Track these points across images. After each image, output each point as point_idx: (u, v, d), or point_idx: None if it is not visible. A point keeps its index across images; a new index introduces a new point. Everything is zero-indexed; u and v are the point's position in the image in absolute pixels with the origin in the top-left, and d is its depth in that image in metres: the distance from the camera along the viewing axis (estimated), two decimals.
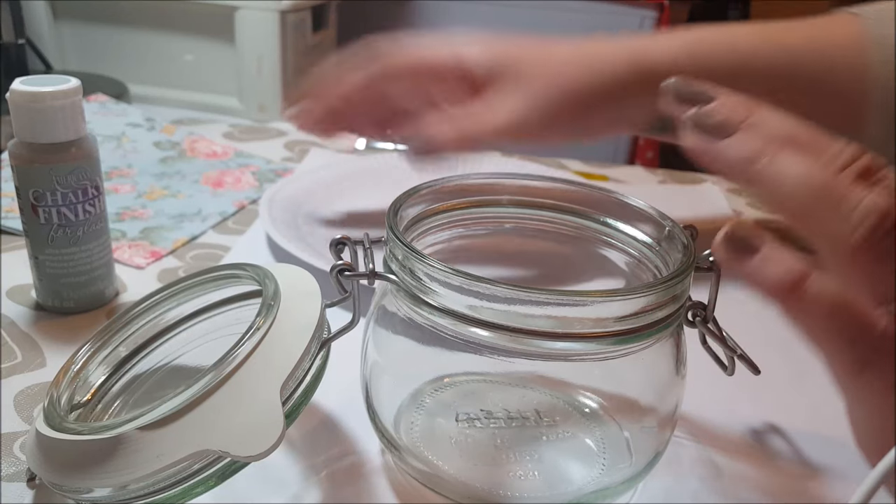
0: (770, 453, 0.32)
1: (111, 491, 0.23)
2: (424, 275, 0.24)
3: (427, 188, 0.29)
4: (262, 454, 0.22)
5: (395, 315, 0.27)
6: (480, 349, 0.24)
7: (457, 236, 0.31)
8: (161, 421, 0.22)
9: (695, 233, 0.28)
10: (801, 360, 0.40)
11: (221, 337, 0.29)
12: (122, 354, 0.30)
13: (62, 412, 0.25)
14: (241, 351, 0.23)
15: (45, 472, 0.24)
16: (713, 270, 0.26)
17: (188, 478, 0.23)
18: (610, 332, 0.23)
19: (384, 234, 0.26)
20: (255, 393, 0.23)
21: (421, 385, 0.31)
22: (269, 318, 0.24)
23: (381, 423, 0.28)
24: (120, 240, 0.47)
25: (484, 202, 0.31)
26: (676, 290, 0.24)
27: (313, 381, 0.25)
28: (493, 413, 0.30)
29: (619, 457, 0.29)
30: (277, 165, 0.63)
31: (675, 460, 0.31)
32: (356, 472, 0.29)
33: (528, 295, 0.22)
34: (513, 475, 0.28)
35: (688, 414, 0.34)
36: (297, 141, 0.71)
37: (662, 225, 0.28)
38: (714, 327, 0.26)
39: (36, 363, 0.34)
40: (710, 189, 0.65)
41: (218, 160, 0.62)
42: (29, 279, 0.39)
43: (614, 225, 0.30)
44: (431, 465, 0.28)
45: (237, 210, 0.53)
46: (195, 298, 0.30)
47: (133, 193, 0.54)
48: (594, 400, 0.31)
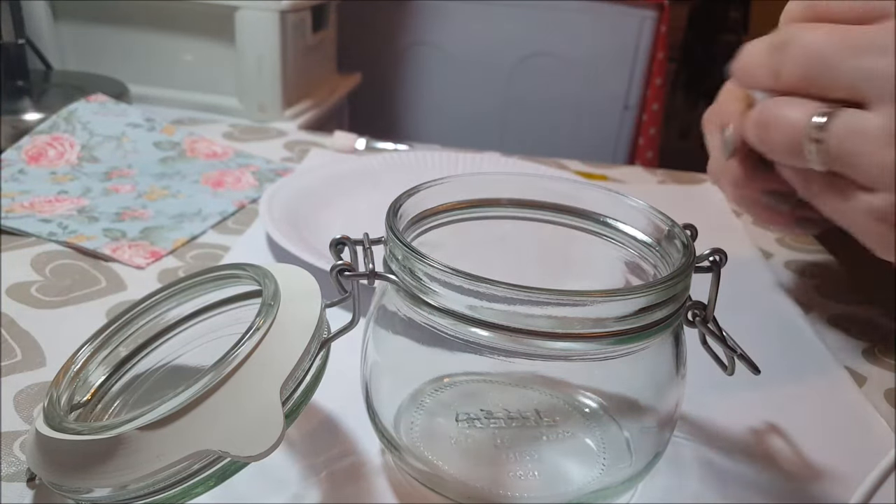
0: (770, 453, 0.32)
1: (111, 491, 0.23)
2: (424, 275, 0.24)
3: (427, 188, 0.29)
4: (262, 454, 0.22)
5: (395, 315, 0.27)
6: (480, 349, 0.24)
7: (457, 236, 0.31)
8: (161, 421, 0.22)
9: (695, 233, 0.28)
10: (801, 361, 0.40)
11: (221, 337, 0.29)
12: (122, 354, 0.30)
13: (62, 412, 0.25)
14: (241, 351, 0.23)
15: (45, 472, 0.24)
16: (713, 270, 0.26)
17: (188, 478, 0.23)
18: (610, 332, 0.23)
19: (384, 234, 0.26)
20: (255, 393, 0.23)
21: (421, 385, 0.31)
22: (269, 318, 0.24)
23: (381, 423, 0.28)
24: (120, 240, 0.47)
25: (484, 202, 0.31)
26: (676, 290, 0.24)
27: (313, 381, 0.25)
28: (493, 413, 0.30)
29: (619, 457, 0.29)
30: (277, 165, 0.63)
31: (675, 460, 0.31)
32: (356, 472, 0.29)
33: (528, 295, 0.22)
34: (513, 475, 0.28)
35: (688, 414, 0.34)
36: (297, 141, 0.71)
37: (662, 225, 0.28)
38: (714, 327, 0.26)
39: (36, 362, 0.34)
40: (710, 189, 0.65)
41: (218, 160, 0.62)
42: (29, 278, 0.39)
43: (614, 225, 0.30)
44: (431, 465, 0.28)
45: (237, 210, 0.54)
46: (195, 298, 0.30)
47: (133, 193, 0.54)
48: (594, 400, 0.31)
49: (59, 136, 0.59)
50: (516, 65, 1.28)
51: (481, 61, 1.29)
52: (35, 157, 0.57)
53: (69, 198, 0.52)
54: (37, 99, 0.67)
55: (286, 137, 0.71)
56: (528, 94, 1.30)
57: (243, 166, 0.61)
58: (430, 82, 1.34)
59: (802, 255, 0.54)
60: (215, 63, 0.79)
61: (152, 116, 0.65)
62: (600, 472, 0.28)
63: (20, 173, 0.55)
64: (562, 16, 1.23)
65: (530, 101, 1.31)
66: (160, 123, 0.64)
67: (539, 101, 1.30)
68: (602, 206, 0.30)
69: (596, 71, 1.25)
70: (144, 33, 0.79)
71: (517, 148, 0.86)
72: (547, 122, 1.31)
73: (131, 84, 0.74)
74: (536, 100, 1.30)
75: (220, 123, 0.73)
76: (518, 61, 1.28)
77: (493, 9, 1.25)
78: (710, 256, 0.26)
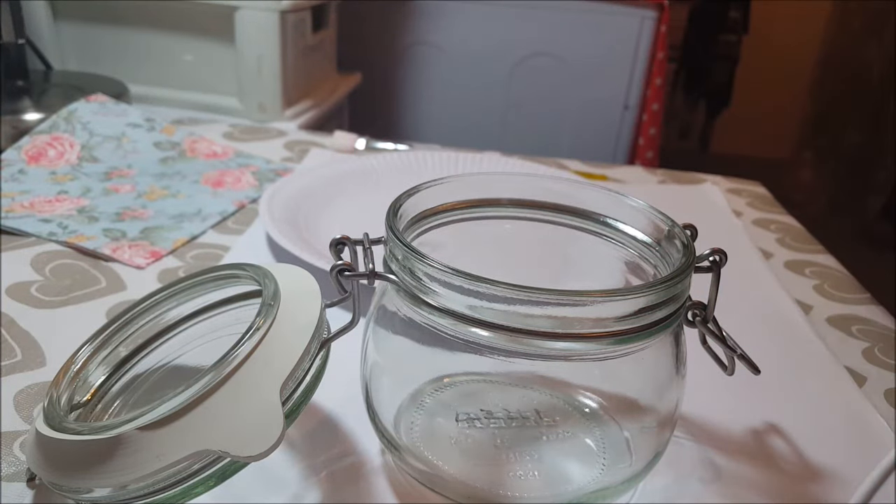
0: (770, 453, 0.32)
1: (111, 491, 0.23)
2: (424, 275, 0.24)
3: (427, 188, 0.29)
4: (262, 454, 0.22)
5: (395, 315, 0.27)
6: (480, 349, 0.24)
7: (457, 236, 0.31)
8: (161, 421, 0.22)
9: (695, 233, 0.28)
10: (801, 361, 0.40)
11: (221, 337, 0.29)
12: (122, 354, 0.30)
13: (62, 412, 0.25)
14: (241, 351, 0.23)
15: (45, 472, 0.24)
16: (713, 270, 0.26)
17: (188, 478, 0.23)
18: (610, 332, 0.23)
19: (384, 234, 0.26)
20: (255, 393, 0.23)
21: (421, 385, 0.31)
22: (269, 318, 0.24)
23: (381, 423, 0.28)
24: (120, 240, 0.47)
25: (484, 202, 0.31)
26: (676, 290, 0.24)
27: (313, 381, 0.25)
28: (493, 413, 0.30)
29: (619, 457, 0.29)
30: (277, 165, 0.63)
31: (675, 460, 0.31)
32: (356, 472, 0.29)
33: (528, 295, 0.22)
34: (513, 475, 0.28)
35: (688, 414, 0.34)
36: (297, 141, 0.71)
37: (662, 225, 0.28)
38: (714, 327, 0.26)
39: (36, 362, 0.34)
40: (709, 189, 0.65)
41: (218, 160, 0.62)
42: (29, 278, 0.39)
43: (614, 225, 0.30)
44: (431, 465, 0.28)
45: (237, 210, 0.54)
46: (195, 298, 0.30)
47: (133, 193, 0.54)
48: (594, 400, 0.31)
49: (59, 136, 0.59)
50: (516, 65, 1.28)
51: (481, 61, 1.29)
52: (35, 157, 0.57)
53: (69, 198, 0.52)
54: (37, 99, 0.67)
55: (286, 137, 0.71)
56: (528, 95, 1.30)
57: (243, 166, 0.61)
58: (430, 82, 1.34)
59: (802, 255, 0.54)
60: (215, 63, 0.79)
61: (152, 116, 0.65)
62: (600, 472, 0.28)
63: (20, 173, 0.55)
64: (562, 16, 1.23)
65: (530, 102, 1.31)
66: (160, 123, 0.64)
67: (539, 101, 1.30)
68: (602, 206, 0.30)
69: (596, 71, 1.25)
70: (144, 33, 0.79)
71: (517, 148, 0.86)
72: (547, 121, 1.31)
73: (131, 84, 0.74)
74: (536, 100, 1.30)
75: (220, 123, 0.73)
76: (518, 61, 1.28)
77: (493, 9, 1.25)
78: (710, 256, 0.26)
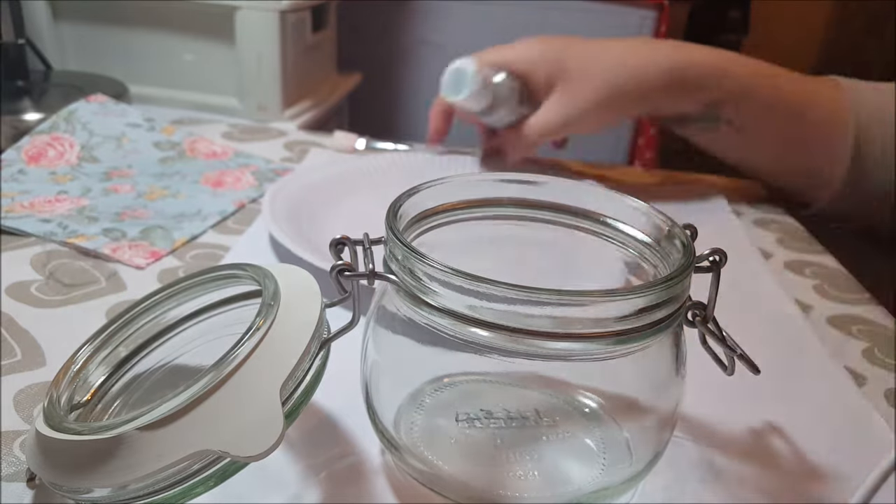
0: (770, 453, 0.32)
1: (111, 491, 0.23)
2: (424, 275, 0.24)
3: (427, 188, 0.29)
4: (262, 454, 0.22)
5: (394, 315, 0.27)
6: (480, 349, 0.24)
7: (457, 236, 0.31)
8: (161, 421, 0.22)
9: (694, 233, 0.28)
10: (801, 361, 0.40)
11: (221, 337, 0.29)
12: (122, 354, 0.30)
13: (62, 412, 0.25)
14: (241, 351, 0.23)
15: (45, 472, 0.24)
16: (713, 270, 0.26)
17: (188, 478, 0.23)
18: (610, 332, 0.23)
19: (384, 234, 0.26)
20: (255, 393, 0.23)
21: (421, 385, 0.31)
22: (269, 318, 0.24)
23: (381, 423, 0.28)
24: (120, 240, 0.47)
25: (484, 202, 0.31)
26: (676, 290, 0.24)
27: (313, 381, 0.25)
28: (493, 413, 0.30)
29: (619, 457, 0.29)
30: (277, 165, 0.63)
31: (675, 460, 0.31)
32: (356, 472, 0.29)
33: (528, 295, 0.22)
34: (513, 475, 0.28)
35: (688, 414, 0.34)
36: (296, 141, 0.71)
37: (662, 225, 0.28)
38: (714, 327, 0.26)
39: (36, 362, 0.34)
40: (710, 189, 0.65)
41: (218, 160, 0.62)
42: (29, 278, 0.39)
43: (614, 225, 0.30)
44: (431, 465, 0.28)
45: (237, 210, 0.54)
46: (195, 298, 0.30)
47: (133, 193, 0.54)
48: (594, 400, 0.31)
49: (58, 136, 0.59)
50: None
51: None
52: (35, 157, 0.57)
53: (69, 198, 0.52)
54: (37, 99, 0.67)
55: (286, 137, 0.71)
56: None
57: (243, 166, 0.61)
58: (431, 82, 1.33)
59: (802, 255, 0.54)
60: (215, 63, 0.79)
61: (152, 116, 0.65)
62: (600, 472, 0.28)
63: (20, 173, 0.55)
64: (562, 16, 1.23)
65: None
66: (160, 123, 0.64)
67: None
68: (602, 206, 0.30)
69: None
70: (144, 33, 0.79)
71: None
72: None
73: (131, 84, 0.74)
74: None
75: (220, 123, 0.73)
76: None
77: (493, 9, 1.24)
78: (710, 256, 0.26)
